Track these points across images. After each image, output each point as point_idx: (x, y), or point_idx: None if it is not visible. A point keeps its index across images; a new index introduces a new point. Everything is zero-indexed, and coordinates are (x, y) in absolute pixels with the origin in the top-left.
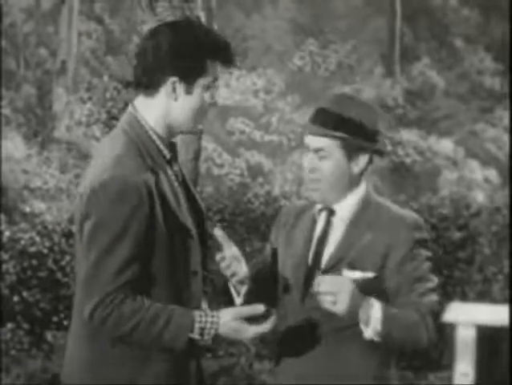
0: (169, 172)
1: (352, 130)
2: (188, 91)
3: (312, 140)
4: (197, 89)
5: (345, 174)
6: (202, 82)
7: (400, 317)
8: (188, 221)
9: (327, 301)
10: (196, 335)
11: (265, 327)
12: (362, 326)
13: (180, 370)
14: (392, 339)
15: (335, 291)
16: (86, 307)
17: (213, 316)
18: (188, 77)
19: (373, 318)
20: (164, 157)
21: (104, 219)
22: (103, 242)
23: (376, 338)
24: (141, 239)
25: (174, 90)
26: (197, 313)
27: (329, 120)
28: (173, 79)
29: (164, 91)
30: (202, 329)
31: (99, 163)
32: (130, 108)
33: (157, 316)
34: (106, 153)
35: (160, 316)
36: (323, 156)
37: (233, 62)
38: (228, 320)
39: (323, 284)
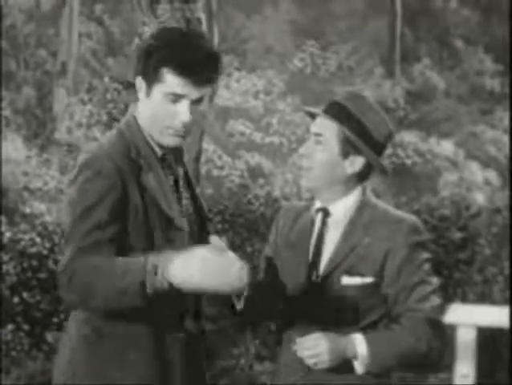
0: (164, 171)
1: (355, 129)
2: (148, 94)
3: (314, 125)
4: (155, 95)
5: (337, 169)
6: (159, 89)
7: (388, 339)
8: (176, 215)
9: (310, 363)
10: (150, 272)
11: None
12: (353, 363)
13: (166, 374)
14: (386, 365)
15: (314, 354)
16: (58, 267)
17: (169, 257)
18: (147, 80)
19: (360, 355)
20: (155, 153)
21: (81, 192)
22: (78, 211)
23: (369, 370)
24: (115, 215)
25: (140, 89)
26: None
27: (337, 111)
28: (139, 78)
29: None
30: (155, 265)
31: (87, 148)
32: (132, 106)
33: (116, 261)
34: (97, 142)
35: (118, 263)
36: (319, 140)
37: (197, 81)
38: (190, 253)
39: (301, 349)
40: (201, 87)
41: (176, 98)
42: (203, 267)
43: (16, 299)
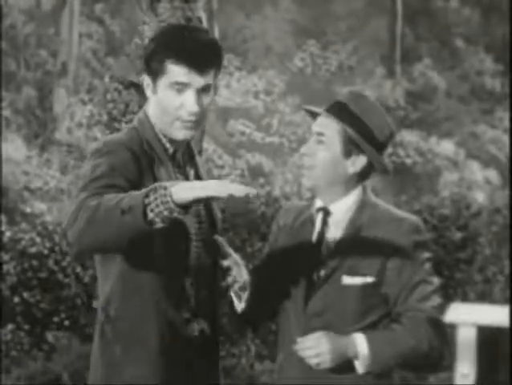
0: (174, 169)
1: (357, 128)
2: (154, 91)
3: (316, 124)
4: (160, 89)
5: (339, 168)
6: (164, 82)
7: (389, 339)
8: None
9: (312, 363)
10: (151, 201)
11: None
12: (354, 363)
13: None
14: (387, 365)
15: (315, 353)
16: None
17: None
18: (152, 76)
19: (360, 354)
20: (166, 150)
21: (94, 166)
22: (89, 178)
23: (370, 370)
24: (129, 183)
25: (147, 86)
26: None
27: (339, 111)
28: (145, 76)
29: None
30: (154, 190)
31: None
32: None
33: (115, 197)
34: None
35: (117, 196)
36: (321, 140)
37: (199, 67)
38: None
39: (303, 349)
40: (204, 74)
41: (181, 87)
42: (203, 183)
43: (16, 299)
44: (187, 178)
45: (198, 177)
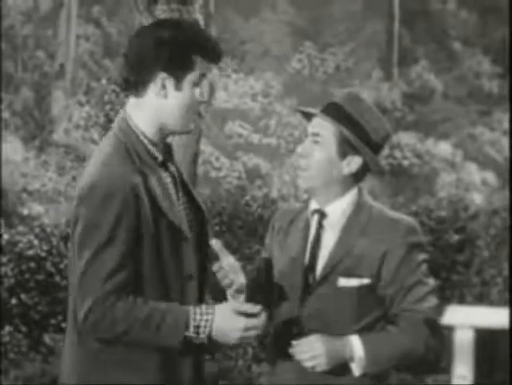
0: (162, 174)
1: (353, 129)
2: (178, 87)
3: (312, 125)
4: (187, 85)
5: (334, 169)
6: (191, 77)
7: (385, 340)
8: (182, 222)
9: (308, 366)
10: (191, 333)
11: (257, 322)
12: (350, 365)
13: (173, 380)
14: (383, 366)
15: (311, 356)
16: (79, 312)
17: (207, 313)
18: (177, 72)
19: (357, 356)
20: (156, 159)
21: (92, 224)
22: (91, 247)
23: (366, 372)
24: (130, 241)
25: (164, 86)
26: (191, 310)
27: (335, 112)
28: (162, 74)
29: (152, 90)
30: (197, 327)
31: (88, 167)
32: (121, 112)
33: (151, 315)
34: (95, 157)
35: (153, 315)
36: (317, 140)
37: (219, 60)
38: (223, 312)
39: (299, 352)
40: (217, 62)
41: (200, 79)
42: (231, 330)
43: (14, 301)
44: (173, 177)
45: (178, 171)
